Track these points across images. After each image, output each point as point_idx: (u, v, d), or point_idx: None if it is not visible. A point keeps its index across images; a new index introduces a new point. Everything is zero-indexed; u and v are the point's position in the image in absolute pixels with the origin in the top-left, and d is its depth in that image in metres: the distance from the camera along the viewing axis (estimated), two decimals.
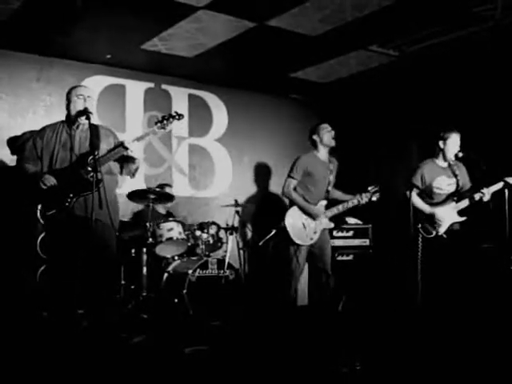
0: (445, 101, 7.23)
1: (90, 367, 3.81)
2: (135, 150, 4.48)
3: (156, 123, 4.54)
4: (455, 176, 5.63)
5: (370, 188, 5.67)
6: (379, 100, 8.02)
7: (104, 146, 4.45)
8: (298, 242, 5.52)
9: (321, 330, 5.29)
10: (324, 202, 5.70)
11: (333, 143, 5.69)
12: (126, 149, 4.36)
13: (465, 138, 5.58)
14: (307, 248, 5.60)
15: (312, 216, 5.57)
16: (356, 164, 7.90)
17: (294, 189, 5.65)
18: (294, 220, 5.56)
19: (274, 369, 3.99)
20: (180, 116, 4.58)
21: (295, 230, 5.53)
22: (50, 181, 4.28)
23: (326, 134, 5.68)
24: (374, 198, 5.65)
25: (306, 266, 6.41)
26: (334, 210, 5.69)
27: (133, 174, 4.62)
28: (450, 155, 5.57)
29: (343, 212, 5.75)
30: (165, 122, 4.53)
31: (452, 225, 5.55)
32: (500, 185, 5.37)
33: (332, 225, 5.73)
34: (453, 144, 5.56)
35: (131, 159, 4.51)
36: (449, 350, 4.34)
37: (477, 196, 5.43)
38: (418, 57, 6.72)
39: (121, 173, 4.64)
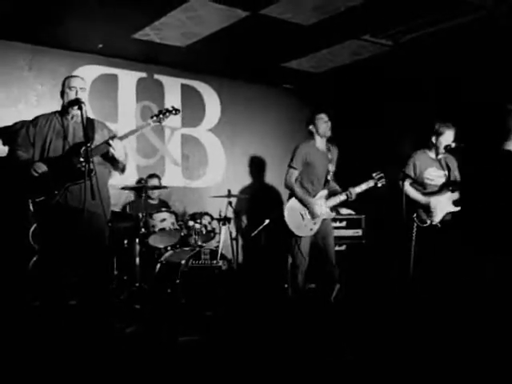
0: (438, 90, 7.22)
1: (83, 357, 3.80)
2: (128, 143, 4.47)
3: (152, 117, 4.52)
4: (446, 168, 5.64)
5: (374, 174, 5.67)
6: (372, 90, 8.01)
7: (98, 138, 4.43)
8: (297, 233, 5.52)
9: (314, 320, 5.30)
10: (324, 193, 5.67)
11: (328, 133, 5.68)
12: (113, 138, 4.33)
13: (458, 128, 5.58)
14: (309, 239, 5.59)
15: (309, 211, 5.55)
16: (348, 154, 7.88)
17: (296, 179, 5.63)
18: (292, 211, 5.54)
19: (267, 359, 4.00)
20: (177, 111, 4.56)
21: (294, 222, 5.52)
22: (42, 168, 4.25)
23: (322, 125, 5.67)
24: (379, 184, 5.64)
25: None
26: (337, 200, 5.68)
27: (122, 171, 4.58)
28: (442, 149, 5.58)
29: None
30: (161, 116, 4.51)
31: (446, 214, 5.56)
32: None
33: (333, 214, 5.72)
34: (446, 140, 5.55)
35: (115, 161, 4.45)
36: (441, 339, 4.36)
37: None
38: (412, 46, 6.70)
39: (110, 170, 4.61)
